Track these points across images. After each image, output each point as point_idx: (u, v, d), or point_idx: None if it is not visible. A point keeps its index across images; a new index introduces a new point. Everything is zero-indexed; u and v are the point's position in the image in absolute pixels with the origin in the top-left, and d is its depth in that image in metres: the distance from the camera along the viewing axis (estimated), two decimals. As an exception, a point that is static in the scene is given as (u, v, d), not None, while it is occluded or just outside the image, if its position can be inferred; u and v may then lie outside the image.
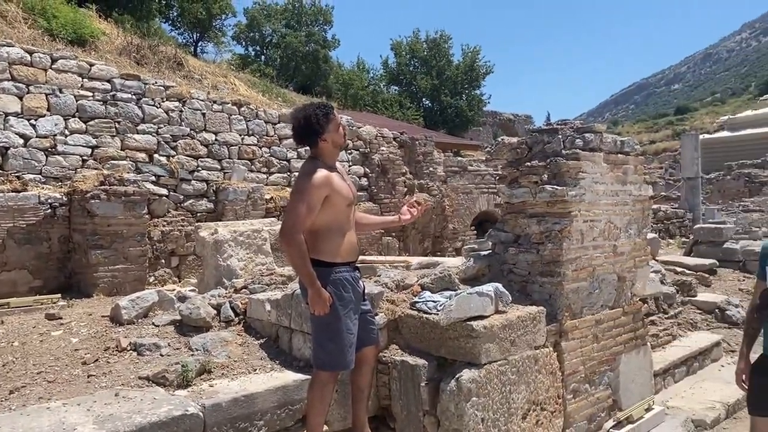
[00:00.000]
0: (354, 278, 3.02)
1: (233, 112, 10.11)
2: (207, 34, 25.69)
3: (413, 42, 33.21)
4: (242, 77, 18.53)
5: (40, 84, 8.11)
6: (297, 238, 2.84)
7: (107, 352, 4.11)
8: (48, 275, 7.58)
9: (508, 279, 4.70)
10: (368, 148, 11.68)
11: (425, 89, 31.97)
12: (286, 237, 2.87)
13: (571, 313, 4.45)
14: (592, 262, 4.63)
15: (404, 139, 12.44)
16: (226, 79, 14.15)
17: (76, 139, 8.29)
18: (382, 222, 3.78)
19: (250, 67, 22.21)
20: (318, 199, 2.88)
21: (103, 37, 12.57)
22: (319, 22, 30.39)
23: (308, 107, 3.08)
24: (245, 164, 10.00)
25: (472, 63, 33.15)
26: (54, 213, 7.54)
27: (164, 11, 23.17)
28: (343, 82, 29.56)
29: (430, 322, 3.96)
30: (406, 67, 32.98)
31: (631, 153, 5.06)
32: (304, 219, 2.89)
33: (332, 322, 2.92)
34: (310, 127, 2.98)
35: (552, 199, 4.45)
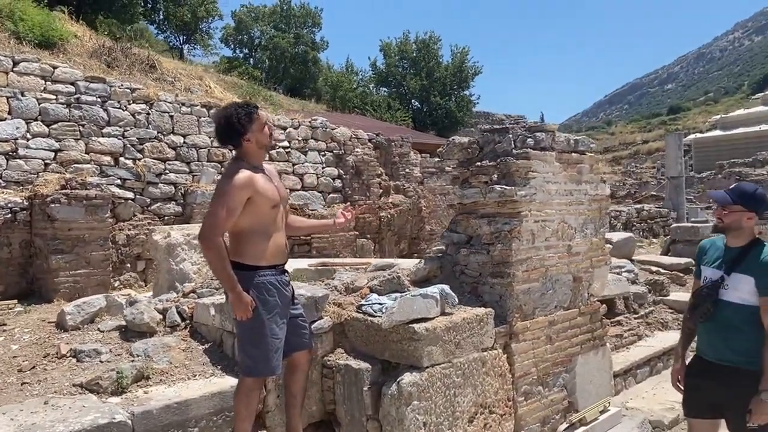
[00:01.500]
0: (280, 282, 3.00)
1: (202, 114, 10.07)
2: (193, 37, 25.74)
3: (402, 43, 33.53)
4: (228, 80, 18.56)
5: (0, 87, 8.04)
6: (215, 241, 2.82)
7: (46, 359, 4.08)
8: (9, 281, 7.52)
9: (460, 280, 4.70)
10: (342, 150, 11.67)
11: (414, 90, 32.25)
12: (205, 240, 2.85)
13: (522, 314, 4.45)
14: (544, 263, 4.64)
15: (380, 141, 12.43)
16: (201, 81, 14.10)
17: (39, 142, 8.23)
18: (316, 225, 3.77)
19: (238, 69, 22.23)
20: (239, 201, 2.86)
21: (75, 39, 12.51)
22: (308, 24, 30.62)
23: (230, 107, 3.06)
24: (215, 167, 9.96)
25: (461, 64, 33.47)
26: (14, 218, 7.48)
27: (150, 15, 23.18)
28: (332, 84, 29.63)
29: (374, 325, 3.95)
30: (395, 69, 33.26)
31: (586, 152, 5.07)
32: (224, 221, 2.87)
33: (256, 327, 2.90)
34: (231, 128, 2.96)
35: (501, 199, 4.45)
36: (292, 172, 11.05)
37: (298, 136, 11.23)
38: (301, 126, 11.32)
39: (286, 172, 10.95)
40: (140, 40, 17.24)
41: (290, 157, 11.05)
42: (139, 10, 20.37)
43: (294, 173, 11.08)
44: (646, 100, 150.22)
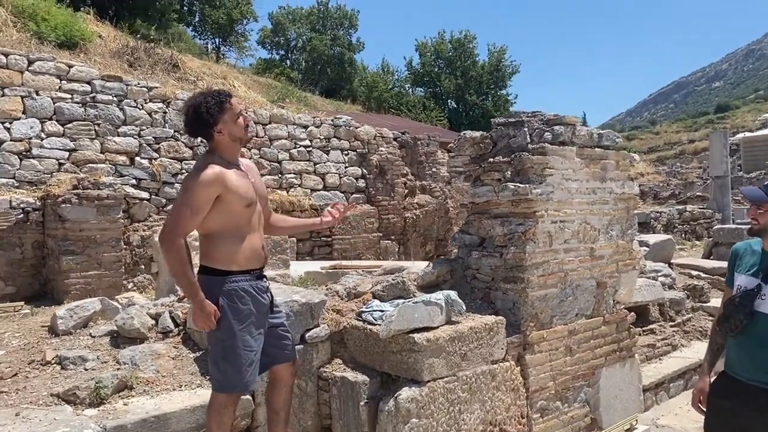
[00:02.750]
0: (256, 288, 2.76)
1: (221, 112, 9.94)
2: (229, 39, 26.07)
3: (438, 42, 33.61)
4: (262, 81, 18.64)
5: (15, 86, 8.05)
6: (176, 243, 2.60)
7: (30, 366, 3.93)
8: (22, 282, 7.51)
9: (472, 286, 4.41)
10: (366, 149, 11.43)
11: (450, 90, 32.23)
12: (164, 242, 2.63)
13: (538, 322, 4.13)
14: (563, 267, 4.31)
15: (405, 139, 12.16)
16: (225, 80, 14.07)
17: (53, 142, 8.21)
18: (300, 224, 3.51)
19: (274, 71, 22.41)
20: (205, 199, 2.63)
21: (98, 40, 12.59)
22: (345, 25, 30.94)
23: (199, 95, 2.83)
24: (233, 166, 9.82)
25: (497, 63, 33.47)
26: (27, 218, 7.46)
27: (186, 18, 23.53)
28: (368, 84, 29.78)
29: (373, 334, 3.70)
30: (430, 68, 33.32)
31: (611, 147, 4.72)
32: (187, 222, 2.64)
33: (226, 339, 2.66)
34: (199, 118, 2.73)
35: (515, 198, 4.14)
36: (313, 171, 10.85)
37: (320, 135, 11.04)
38: (323, 124, 11.12)
39: (307, 172, 10.77)
40: (177, 44, 17.45)
41: (312, 157, 10.86)
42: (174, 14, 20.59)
43: (315, 173, 10.88)
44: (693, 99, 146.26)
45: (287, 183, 10.48)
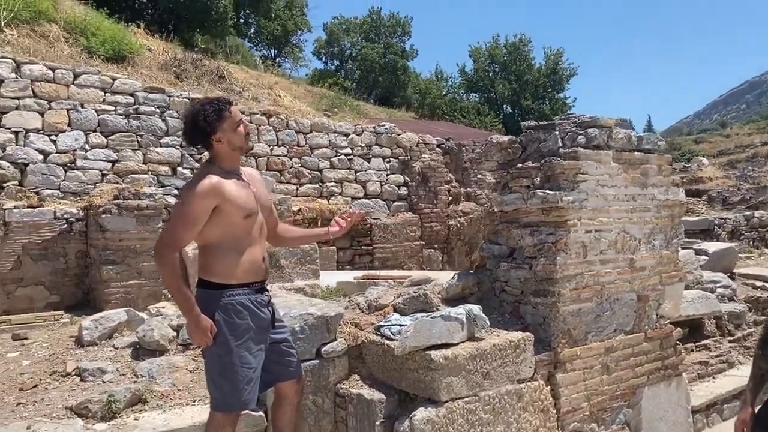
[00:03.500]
0: (255, 302, 2.67)
1: (262, 122, 10.04)
2: (284, 50, 26.61)
3: (492, 47, 33.68)
4: (315, 91, 18.90)
5: (61, 100, 8.32)
6: (170, 257, 2.53)
7: (51, 377, 3.97)
8: (65, 291, 7.70)
9: (500, 299, 4.21)
10: (408, 156, 11.30)
11: (504, 95, 32.21)
12: (158, 255, 2.57)
13: (570, 339, 3.90)
14: (599, 279, 4.06)
15: (450, 146, 11.97)
16: (271, 90, 14.23)
17: (96, 153, 8.44)
18: (307, 235, 3.41)
19: (328, 81, 22.79)
20: (202, 210, 2.56)
21: (148, 53, 12.95)
22: (398, 33, 31.18)
23: (198, 103, 2.78)
24: (274, 175, 9.88)
25: (554, 66, 33.23)
26: (70, 228, 7.66)
27: (242, 30, 24.13)
28: (421, 91, 29.96)
29: (391, 350, 3.55)
30: (484, 74, 33.43)
31: (652, 150, 4.43)
32: (182, 234, 2.58)
33: (223, 355, 2.58)
34: (197, 127, 2.67)
35: (545, 206, 3.93)
36: (354, 179, 10.81)
37: (361, 143, 10.98)
38: (364, 132, 11.07)
39: (348, 180, 10.73)
40: (235, 56, 17.92)
41: (352, 165, 10.82)
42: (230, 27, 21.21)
43: (356, 181, 10.83)
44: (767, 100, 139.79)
45: (328, 191, 10.47)
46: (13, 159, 7.83)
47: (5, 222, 7.21)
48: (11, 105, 7.94)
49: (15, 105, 7.97)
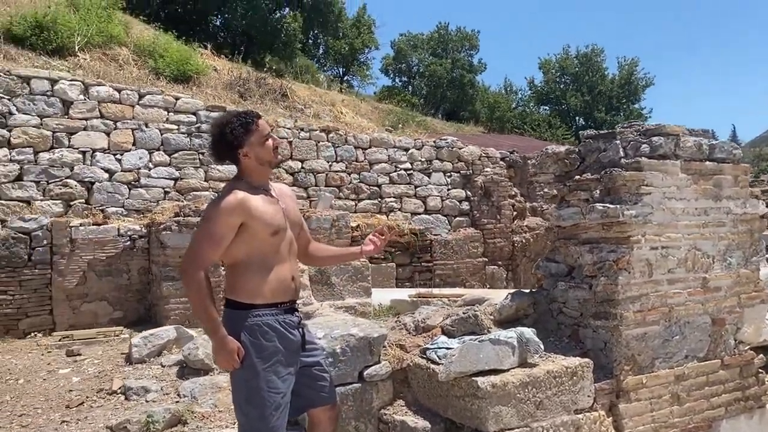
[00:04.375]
0: (284, 323, 2.55)
1: (321, 138, 10.08)
2: (351, 68, 27.08)
3: (562, 59, 33.49)
4: (382, 107, 19.09)
5: (127, 120, 8.61)
6: (196, 276, 2.45)
7: (98, 395, 3.99)
8: (128, 307, 7.88)
9: (558, 321, 3.94)
10: (470, 170, 11.06)
11: (576, 107, 31.93)
12: (183, 274, 2.50)
13: (635, 366, 3.59)
14: (667, 301, 3.74)
15: (514, 159, 11.65)
16: (333, 107, 14.32)
17: (160, 171, 8.66)
18: (340, 255, 3.24)
19: (396, 97, 23.07)
20: (227, 227, 2.48)
21: (214, 73, 13.32)
22: (465, 47, 31.35)
23: (225, 116, 2.70)
24: (332, 191, 9.87)
25: (629, 76, 32.51)
26: (133, 245, 7.86)
27: (311, 50, 24.73)
28: (489, 105, 29.99)
29: (436, 375, 3.36)
30: (555, 85, 33.29)
31: (727, 160, 4.07)
32: (208, 252, 2.49)
33: (250, 380, 2.47)
34: (224, 140, 2.59)
35: (605, 221, 3.66)
36: (414, 195, 10.66)
37: (421, 157, 10.84)
38: (424, 146, 10.93)
39: (408, 195, 10.59)
40: (305, 76, 18.37)
41: (412, 180, 10.68)
42: (298, 47, 21.81)
43: (416, 196, 10.68)
44: None
45: (387, 207, 10.37)
46: (80, 178, 8.13)
47: (72, 239, 7.46)
48: (79, 126, 8.26)
49: (83, 126, 8.29)
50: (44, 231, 7.42)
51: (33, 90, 8.06)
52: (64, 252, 7.46)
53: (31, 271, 7.35)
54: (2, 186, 7.69)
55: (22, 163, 7.82)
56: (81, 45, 10.59)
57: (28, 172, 7.85)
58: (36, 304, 7.35)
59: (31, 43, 9.92)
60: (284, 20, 21.10)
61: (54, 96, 8.18)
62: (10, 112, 7.87)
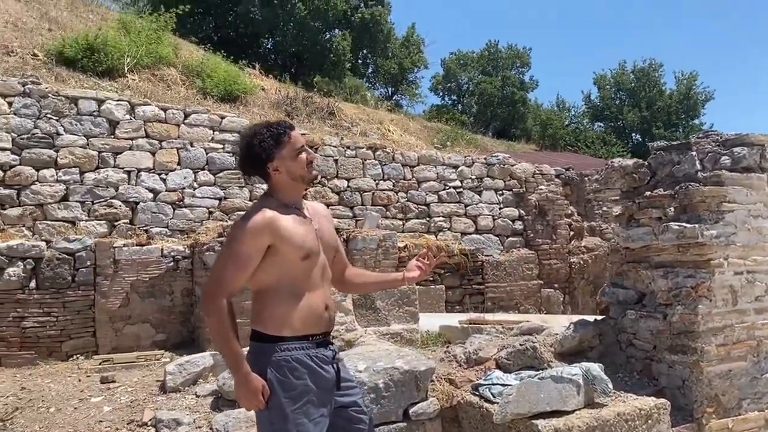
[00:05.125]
0: (315, 358, 2.28)
1: (367, 156, 9.88)
2: (400, 87, 27.21)
3: (618, 74, 32.76)
4: (431, 126, 18.96)
5: (172, 139, 8.60)
6: (218, 303, 2.22)
7: (128, 427, 3.81)
8: (171, 329, 7.76)
9: (627, 354, 3.56)
10: (524, 188, 10.65)
11: (633, 123, 31.18)
12: (204, 300, 2.26)
13: (719, 407, 3.19)
14: (754, 333, 3.33)
15: (570, 176, 11.18)
16: (381, 125, 14.16)
17: (204, 191, 8.59)
18: (382, 281, 2.93)
19: (445, 116, 23.02)
20: (255, 249, 2.24)
21: (261, 92, 13.36)
22: (516, 65, 31.01)
23: (254, 127, 2.47)
24: (379, 211, 9.63)
25: (688, 90, 31.73)
26: (176, 266, 7.76)
27: (360, 70, 25.00)
28: (542, 122, 29.55)
29: (490, 416, 3.03)
30: (610, 101, 32.58)
31: (822, 172, 3.63)
32: (231, 278, 2.26)
33: (276, 422, 2.20)
34: (251, 153, 2.36)
35: (681, 242, 3.28)
36: (464, 214, 10.31)
37: (472, 175, 10.50)
38: (475, 163, 10.59)
39: (458, 215, 10.25)
40: (355, 96, 18.49)
41: (462, 198, 10.34)
42: (348, 67, 22.05)
43: (466, 215, 10.33)
44: None
45: (436, 227, 10.05)
46: (125, 198, 8.13)
47: (115, 260, 7.42)
48: (125, 145, 8.29)
49: (128, 145, 8.31)
50: (88, 252, 7.40)
51: (80, 110, 8.13)
52: (108, 273, 7.42)
53: (74, 293, 7.32)
54: (48, 206, 7.73)
55: (68, 183, 7.86)
56: (130, 66, 10.73)
57: (73, 192, 7.88)
58: (79, 326, 7.31)
59: (82, 65, 10.09)
60: (333, 40, 21.26)
61: (101, 116, 8.24)
62: (58, 132, 7.94)
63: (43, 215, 7.73)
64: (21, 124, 7.77)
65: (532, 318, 5.88)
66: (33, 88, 7.96)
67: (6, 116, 7.72)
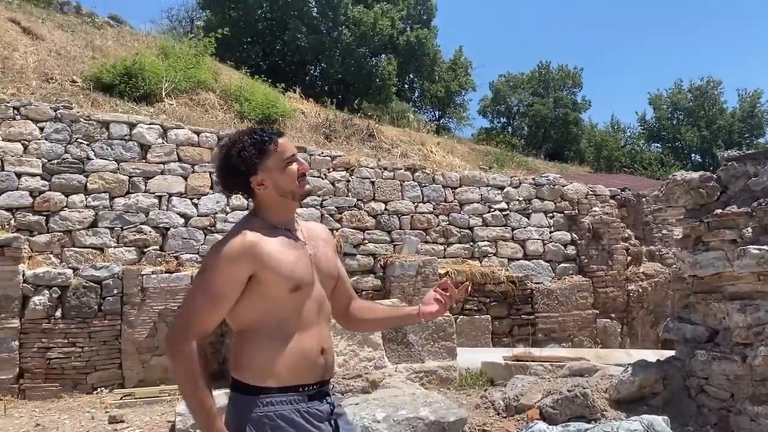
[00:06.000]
0: (307, 414, 1.88)
1: (406, 178, 9.49)
2: (447, 110, 27.15)
3: (674, 93, 32.61)
4: (480, 149, 18.64)
5: (204, 163, 8.42)
6: (184, 348, 1.85)
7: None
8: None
9: (698, 403, 3.02)
10: (576, 210, 10.05)
11: (693, 143, 30.90)
12: (168, 345, 1.90)
13: (818, 474, 2.60)
14: None
15: (626, 197, 10.53)
16: (423, 146, 13.80)
17: (236, 216, 8.34)
18: (395, 316, 2.46)
19: (495, 139, 22.76)
20: (232, 280, 1.87)
21: (301, 116, 13.23)
22: (568, 86, 30.85)
23: (235, 135, 2.10)
24: (418, 235, 9.19)
25: (751, 109, 31.00)
26: (206, 294, 7.50)
27: (406, 94, 25.04)
28: (596, 144, 29.40)
29: (531, 477, 2.54)
30: (667, 121, 32.35)
31: None
32: (204, 316, 1.89)
33: None
34: (230, 164, 2.00)
35: (763, 269, 2.75)
36: (511, 238, 9.77)
37: (519, 196, 9.98)
38: (522, 184, 10.07)
39: (504, 239, 9.71)
40: (402, 121, 18.42)
41: (509, 221, 9.81)
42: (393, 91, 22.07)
43: (514, 239, 9.78)
44: None
45: (480, 252, 9.53)
46: (155, 224, 7.96)
47: (143, 287, 7.22)
48: (156, 170, 8.15)
49: (160, 170, 8.17)
50: (115, 279, 7.23)
51: (111, 134, 8.04)
52: (135, 302, 7.21)
53: (100, 322, 7.14)
54: (77, 232, 7.62)
55: (97, 209, 7.74)
56: (168, 91, 10.71)
57: (102, 218, 7.75)
58: (105, 357, 7.11)
59: (119, 91, 10.11)
60: (379, 65, 21.29)
61: (132, 140, 8.13)
62: (88, 157, 7.86)
63: (72, 242, 7.61)
64: (51, 149, 7.72)
65: (586, 353, 5.33)
66: (64, 112, 7.92)
67: (37, 141, 7.70)
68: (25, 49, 10.93)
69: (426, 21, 24.00)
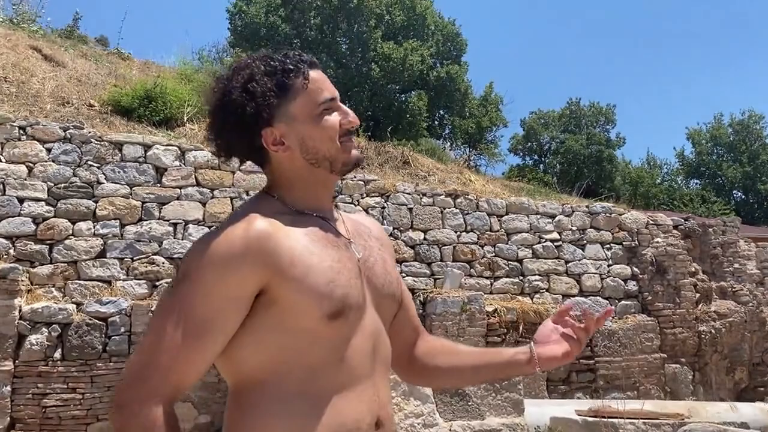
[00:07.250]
0: None
1: (447, 204, 8.67)
2: (478, 146, 26.94)
3: (714, 128, 32.24)
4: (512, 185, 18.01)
5: (225, 187, 7.77)
6: (138, 421, 1.04)
7: None
8: (217, 409, 6.73)
9: None
10: (636, 241, 9.08)
11: (735, 179, 30.28)
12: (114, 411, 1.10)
13: None
14: None
15: (691, 227, 9.54)
16: (461, 175, 13.03)
17: (262, 246, 7.61)
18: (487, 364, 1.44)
19: (527, 176, 22.27)
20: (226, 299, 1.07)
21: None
22: (601, 122, 30.50)
23: (243, 61, 1.27)
24: (462, 267, 8.30)
25: None
26: (224, 334, 6.71)
27: (436, 130, 24.93)
28: (632, 181, 28.94)
29: None
30: (707, 157, 31.88)
31: None
32: (175, 363, 1.09)
33: None
34: (227, 107, 1.18)
35: None
36: (565, 272, 8.79)
37: (572, 226, 9.05)
38: (575, 212, 9.15)
39: (557, 273, 8.74)
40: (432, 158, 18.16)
41: (561, 253, 8.85)
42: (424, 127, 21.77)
43: (568, 273, 8.80)
44: None
45: (531, 287, 8.58)
46: (169, 254, 7.24)
47: (152, 326, 6.44)
48: (172, 195, 7.49)
49: (176, 195, 7.51)
50: (123, 316, 6.51)
51: (124, 156, 7.42)
52: (144, 341, 6.44)
53: (105, 365, 6.40)
54: (83, 263, 6.91)
55: (106, 237, 7.05)
56: (190, 115, 10.16)
57: (111, 247, 7.05)
58: (108, 405, 6.31)
59: (138, 115, 9.57)
60: (409, 101, 21.04)
61: (146, 162, 7.50)
62: (98, 181, 7.21)
63: (77, 274, 6.90)
64: (59, 172, 7.10)
65: (681, 406, 4.35)
66: (74, 132, 7.33)
67: (43, 163, 7.09)
68: (43, 75, 10.53)
69: (456, 57, 23.95)
